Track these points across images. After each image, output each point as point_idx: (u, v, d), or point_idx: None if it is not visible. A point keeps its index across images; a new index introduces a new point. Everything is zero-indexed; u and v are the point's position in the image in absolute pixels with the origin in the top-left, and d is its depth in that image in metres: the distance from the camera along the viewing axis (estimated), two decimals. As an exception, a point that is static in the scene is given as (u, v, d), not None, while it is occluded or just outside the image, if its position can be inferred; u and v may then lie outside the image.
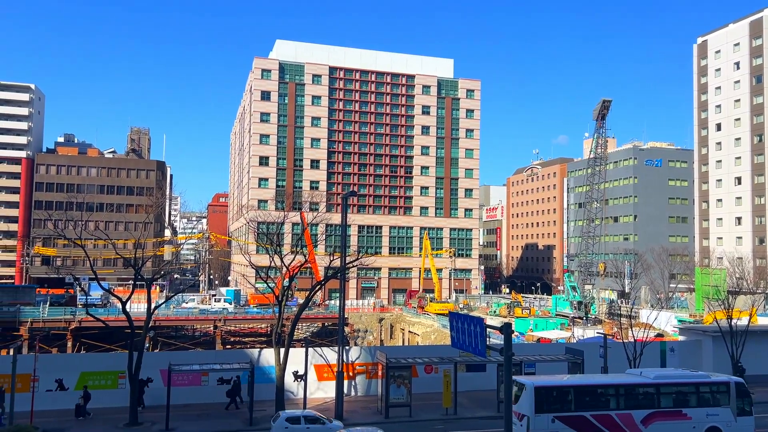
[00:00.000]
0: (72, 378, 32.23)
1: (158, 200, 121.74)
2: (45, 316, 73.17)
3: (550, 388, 25.60)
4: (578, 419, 24.90)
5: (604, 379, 29.27)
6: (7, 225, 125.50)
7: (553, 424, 24.55)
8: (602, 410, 25.25)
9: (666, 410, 25.66)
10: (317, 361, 35.83)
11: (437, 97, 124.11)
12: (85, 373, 32.54)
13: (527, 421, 24.46)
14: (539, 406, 24.58)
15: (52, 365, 32.62)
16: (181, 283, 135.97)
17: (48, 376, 31.51)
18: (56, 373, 32.03)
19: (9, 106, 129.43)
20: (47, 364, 31.99)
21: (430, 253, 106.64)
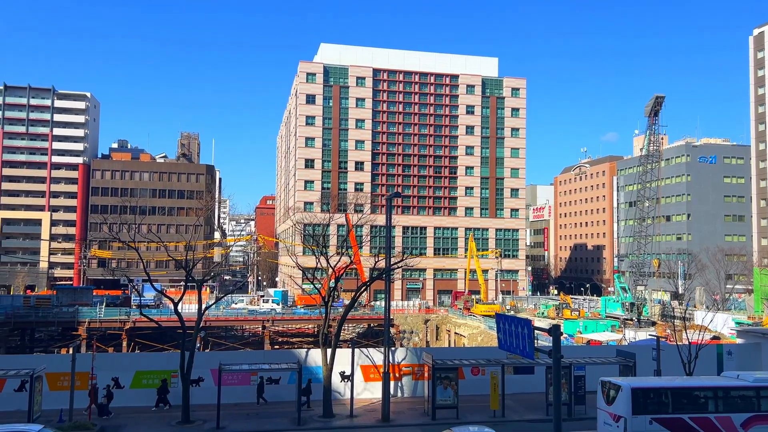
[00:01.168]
0: (127, 377, 33.23)
1: (208, 203, 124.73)
2: (101, 316, 75.73)
3: (647, 389, 25.65)
4: (676, 421, 24.90)
5: (702, 381, 28.94)
6: (66, 228, 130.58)
7: (651, 426, 24.67)
8: (701, 413, 25.19)
9: (766, 414, 25.41)
10: (364, 362, 35.98)
11: (482, 97, 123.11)
12: (139, 372, 33.50)
13: (624, 423, 24.64)
14: (636, 407, 24.69)
15: (108, 364, 33.63)
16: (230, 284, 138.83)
17: (105, 375, 32.54)
18: (112, 371, 33.05)
19: (67, 114, 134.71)
20: (104, 363, 33.05)
21: (475, 254, 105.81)
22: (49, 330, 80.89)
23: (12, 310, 75.43)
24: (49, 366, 31.37)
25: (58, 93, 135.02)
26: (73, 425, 28.16)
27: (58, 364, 32.49)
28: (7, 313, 73.63)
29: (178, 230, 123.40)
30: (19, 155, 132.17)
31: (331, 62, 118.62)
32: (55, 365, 32.38)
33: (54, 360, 38.81)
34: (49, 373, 31.15)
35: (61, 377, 31.47)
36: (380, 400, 32.29)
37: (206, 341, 76.50)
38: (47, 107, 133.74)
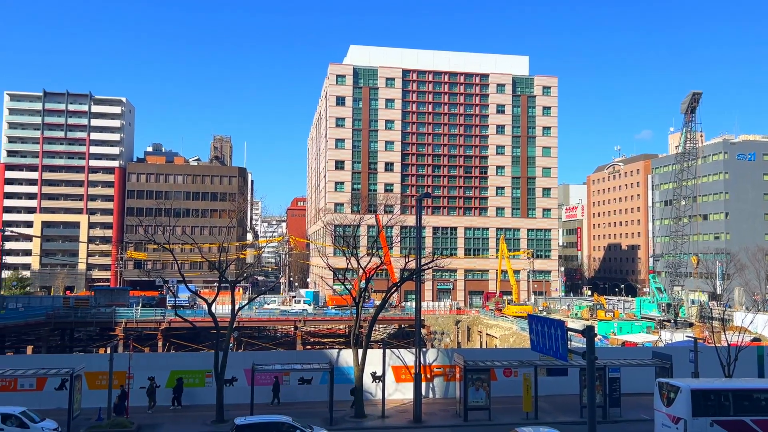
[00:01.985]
0: (163, 376, 33.85)
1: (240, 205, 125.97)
2: (138, 317, 77.28)
3: (707, 391, 25.44)
4: (737, 424, 24.60)
5: (764, 383, 28.37)
6: (103, 231, 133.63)
7: (711, 428, 24.46)
8: (763, 415, 24.79)
9: None
10: (395, 363, 36.00)
11: (512, 96, 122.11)
12: (174, 371, 34.09)
13: (684, 424, 24.49)
14: (696, 409, 24.49)
15: (144, 364, 34.34)
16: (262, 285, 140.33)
17: (141, 374, 33.24)
18: (149, 371, 33.71)
19: (103, 119, 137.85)
20: (140, 363, 33.75)
21: (506, 255, 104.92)
22: (88, 330, 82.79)
23: (52, 310, 77.51)
24: (87, 365, 32.17)
25: (94, 98, 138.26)
26: (112, 423, 28.83)
27: (96, 364, 33.29)
28: (47, 314, 75.67)
29: (212, 232, 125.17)
30: (58, 160, 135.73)
31: (360, 64, 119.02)
32: (94, 365, 33.18)
33: (93, 359, 39.76)
34: (88, 372, 31.93)
35: (100, 376, 32.22)
36: (412, 401, 32.30)
37: (239, 341, 77.45)
38: (84, 112, 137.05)
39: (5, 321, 72.19)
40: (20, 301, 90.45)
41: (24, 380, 31.69)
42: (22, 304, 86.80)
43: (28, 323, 74.08)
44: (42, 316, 75.43)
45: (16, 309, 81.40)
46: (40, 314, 76.01)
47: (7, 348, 75.73)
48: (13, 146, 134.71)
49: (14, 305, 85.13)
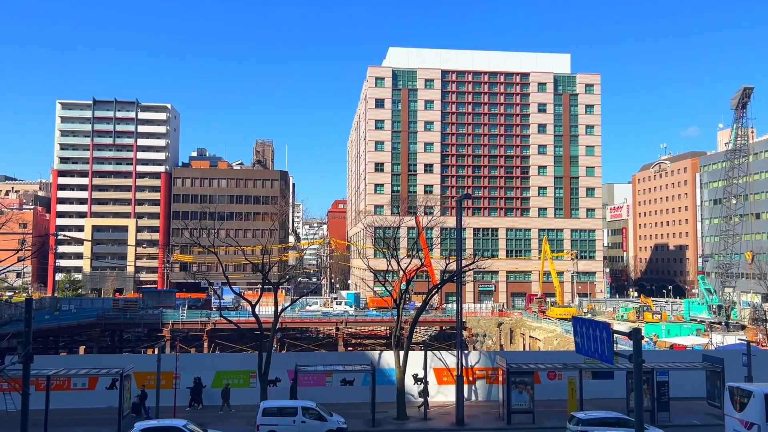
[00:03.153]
0: (209, 376, 34.53)
1: (282, 208, 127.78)
2: (184, 318, 78.93)
3: None
4: None
5: None
6: (150, 234, 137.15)
7: None
8: None
9: None
10: (436, 365, 35.88)
11: (554, 94, 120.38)
12: (220, 372, 34.75)
13: (758, 430, 24.09)
14: None
15: (191, 364, 35.07)
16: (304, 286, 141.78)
17: (188, 375, 33.96)
18: (195, 371, 34.43)
19: (149, 126, 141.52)
20: (187, 363, 34.48)
21: (549, 256, 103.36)
22: (136, 331, 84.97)
23: (103, 312, 79.89)
24: (136, 366, 33.07)
25: (141, 105, 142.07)
26: (160, 422, 29.50)
27: (144, 364, 34.19)
28: (98, 315, 78.04)
29: (255, 234, 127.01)
30: (107, 165, 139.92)
31: (399, 66, 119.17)
32: (142, 365, 34.08)
33: (141, 360, 40.84)
34: (136, 372, 32.82)
35: (148, 376, 33.06)
36: (454, 404, 32.12)
37: (282, 342, 78.33)
38: (131, 119, 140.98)
39: (59, 322, 74.76)
40: (73, 303, 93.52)
41: (77, 380, 32.76)
42: (74, 306, 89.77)
43: (80, 324, 76.51)
44: (93, 317, 77.78)
45: (69, 311, 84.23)
46: (92, 316, 78.40)
47: (61, 348, 78.51)
48: (65, 153, 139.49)
49: (67, 307, 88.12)
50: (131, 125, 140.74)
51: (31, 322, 24.60)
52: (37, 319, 66.90)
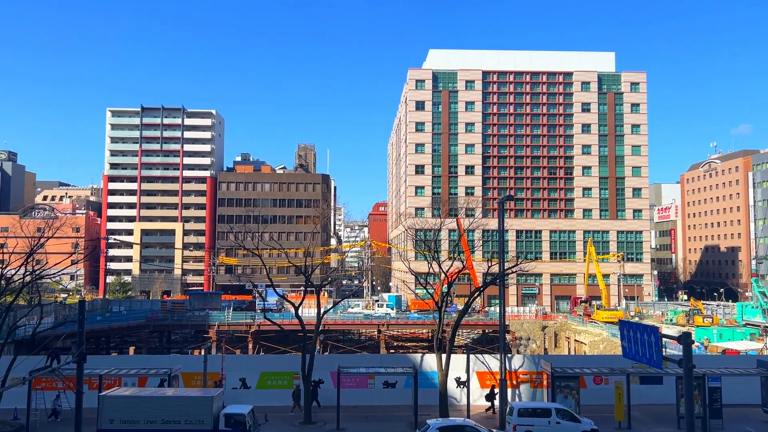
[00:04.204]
0: (253, 377, 35.08)
1: (324, 211, 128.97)
2: (229, 320, 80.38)
3: None
4: None
5: None
6: (197, 238, 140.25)
7: None
8: None
9: None
10: (479, 368, 35.61)
11: (598, 93, 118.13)
12: (264, 373, 35.26)
13: None
14: None
15: (236, 365, 35.73)
16: (346, 289, 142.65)
17: (233, 375, 34.59)
18: (240, 372, 35.06)
19: (195, 131, 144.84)
20: (232, 364, 35.14)
21: (595, 258, 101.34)
22: (183, 332, 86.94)
23: (151, 313, 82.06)
24: (184, 366, 33.86)
25: (187, 112, 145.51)
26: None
27: (192, 365, 34.96)
28: (147, 317, 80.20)
29: (297, 237, 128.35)
30: (154, 171, 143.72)
31: (439, 67, 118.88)
32: (190, 365, 34.86)
33: (188, 360, 41.74)
34: (184, 372, 33.60)
35: (195, 376, 33.81)
36: (498, 407, 31.80)
37: (325, 344, 78.95)
38: (178, 125, 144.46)
39: (110, 323, 77.16)
40: (123, 304, 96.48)
41: (127, 379, 33.71)
42: (124, 308, 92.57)
43: (130, 325, 78.74)
44: (142, 319, 79.94)
45: (119, 312, 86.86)
46: (141, 317, 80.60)
47: (112, 348, 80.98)
48: (115, 159, 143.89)
49: (118, 309, 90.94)
50: (178, 131, 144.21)
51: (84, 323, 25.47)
52: (90, 320, 69.11)
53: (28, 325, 42.88)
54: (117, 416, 26.18)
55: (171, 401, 26.49)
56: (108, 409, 26.21)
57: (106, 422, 26.11)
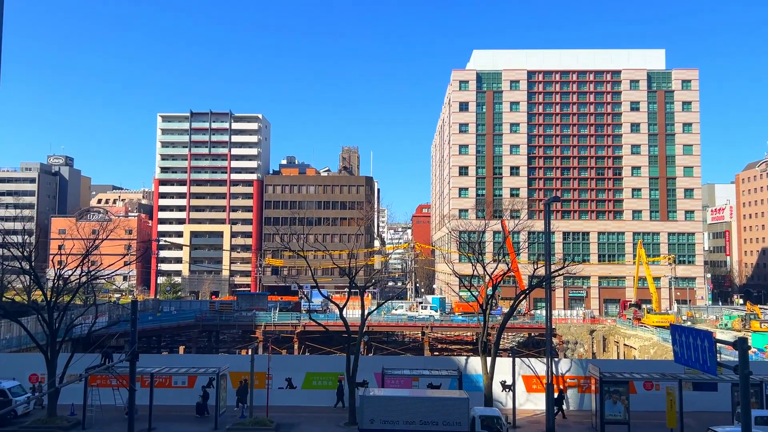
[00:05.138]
0: (299, 377, 35.51)
1: (368, 213, 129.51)
2: (275, 320, 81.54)
3: None
4: None
5: None
6: (244, 239, 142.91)
7: None
8: None
9: None
10: (525, 372, 35.17)
11: (648, 91, 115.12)
12: (309, 373, 35.65)
13: None
14: None
15: (282, 365, 36.20)
16: (390, 291, 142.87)
17: (279, 375, 35.09)
18: (286, 372, 35.53)
19: (242, 135, 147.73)
20: (278, 364, 35.63)
21: (645, 261, 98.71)
22: (231, 332, 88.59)
23: (200, 314, 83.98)
24: (231, 365, 34.53)
25: (234, 116, 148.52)
26: (254, 421, 30.70)
27: (239, 364, 35.61)
28: (196, 317, 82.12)
29: (342, 239, 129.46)
30: (203, 174, 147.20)
31: (484, 68, 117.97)
32: (237, 365, 35.52)
33: (236, 360, 42.56)
34: (231, 372, 34.26)
35: (242, 376, 34.38)
36: (544, 412, 31.35)
37: (369, 345, 79.26)
38: (225, 130, 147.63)
39: (161, 323, 79.33)
40: (173, 305, 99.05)
41: (177, 378, 34.61)
42: (174, 308, 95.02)
43: (180, 325, 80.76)
44: (191, 319, 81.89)
45: (169, 312, 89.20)
46: (190, 317, 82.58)
47: (163, 348, 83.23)
48: (165, 163, 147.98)
49: (168, 309, 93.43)
50: (225, 135, 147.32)
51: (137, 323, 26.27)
52: (142, 320, 71.19)
53: (83, 324, 44.44)
54: (377, 416, 26.57)
55: (429, 402, 26.74)
56: (369, 409, 26.65)
57: (367, 422, 26.58)
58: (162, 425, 30.66)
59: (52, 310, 32.93)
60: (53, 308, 33.06)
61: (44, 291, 35.17)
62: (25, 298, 36.97)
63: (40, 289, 35.77)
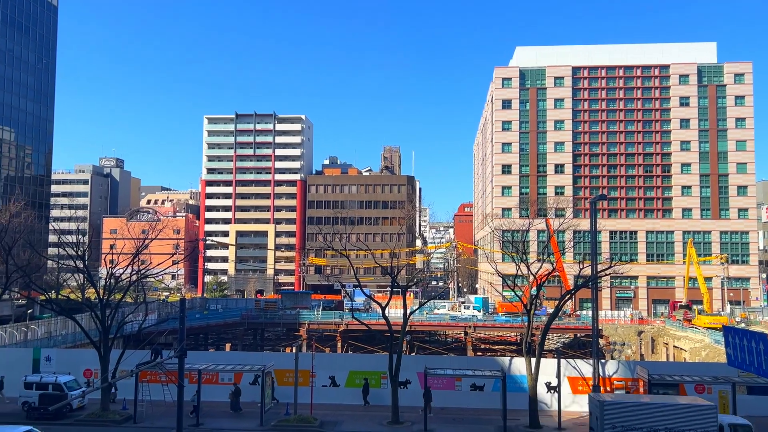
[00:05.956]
0: (342, 375, 35.79)
1: (409, 213, 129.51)
2: (319, 319, 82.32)
3: None
4: None
5: None
6: (288, 239, 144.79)
7: None
8: None
9: None
10: (571, 373, 34.60)
11: (698, 86, 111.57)
12: (353, 371, 35.88)
13: None
14: None
15: (325, 363, 36.55)
16: (432, 290, 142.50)
17: (323, 373, 35.43)
18: (329, 370, 35.86)
19: (286, 136, 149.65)
20: (322, 362, 35.97)
21: (695, 260, 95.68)
22: (276, 330, 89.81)
23: (246, 312, 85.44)
24: (276, 363, 35.04)
25: (278, 117, 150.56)
26: (298, 418, 31.11)
27: (284, 362, 36.11)
28: (242, 315, 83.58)
29: (383, 238, 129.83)
30: (248, 175, 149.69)
31: (527, 65, 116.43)
32: (282, 362, 36.02)
33: (280, 358, 43.14)
34: (276, 369, 34.77)
35: (287, 374, 34.90)
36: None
37: (411, 345, 79.22)
38: (270, 131, 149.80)
39: (208, 321, 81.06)
40: (219, 303, 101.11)
41: (224, 374, 35.34)
42: (221, 306, 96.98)
43: (226, 323, 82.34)
44: (237, 317, 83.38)
45: (216, 310, 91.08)
46: (236, 315, 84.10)
47: (209, 345, 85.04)
48: (211, 164, 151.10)
49: (215, 307, 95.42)
50: (269, 136, 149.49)
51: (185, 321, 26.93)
52: (189, 317, 72.92)
53: (134, 322, 45.79)
54: (619, 422, 25.93)
55: (674, 409, 25.74)
56: (610, 415, 26.10)
57: (608, 428, 26.01)
58: (209, 421, 31.35)
59: (105, 308, 34.07)
60: (105, 306, 34.20)
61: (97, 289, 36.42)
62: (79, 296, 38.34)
63: (93, 287, 37.09)
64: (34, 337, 51.63)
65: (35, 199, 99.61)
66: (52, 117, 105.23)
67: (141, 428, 30.72)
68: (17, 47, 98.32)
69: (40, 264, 57.34)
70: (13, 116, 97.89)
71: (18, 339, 49.96)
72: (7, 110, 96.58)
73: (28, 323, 54.91)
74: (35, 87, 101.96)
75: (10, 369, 36.00)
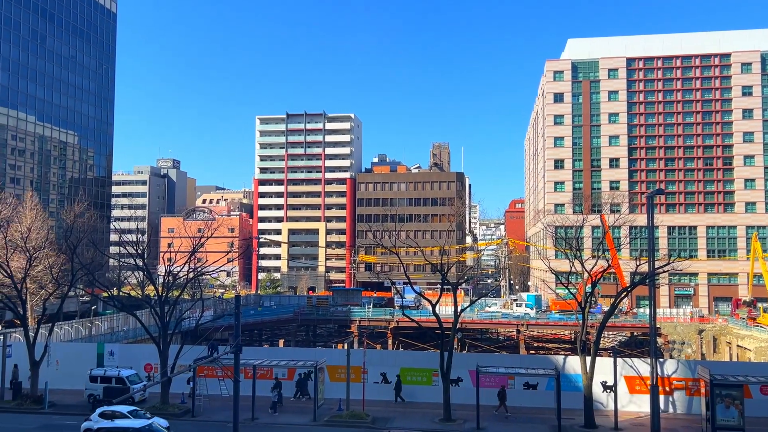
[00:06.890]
0: (393, 372, 35.88)
1: (459, 209, 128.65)
2: (370, 316, 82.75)
3: None
4: None
5: None
6: (338, 236, 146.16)
7: None
8: None
9: None
10: (627, 373, 33.73)
11: (761, 74, 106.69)
12: (404, 369, 35.94)
13: None
14: None
15: (376, 360, 36.73)
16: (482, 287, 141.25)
17: (374, 370, 35.61)
18: (380, 367, 36.02)
19: (335, 135, 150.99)
20: (373, 359, 36.18)
21: (761, 256, 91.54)
22: (327, 327, 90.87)
23: (298, 308, 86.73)
24: (328, 359, 35.49)
25: (327, 116, 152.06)
26: (351, 414, 31.40)
27: (335, 358, 36.53)
28: (295, 312, 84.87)
29: (433, 236, 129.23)
30: (299, 174, 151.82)
31: (579, 57, 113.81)
32: (334, 358, 36.44)
33: (332, 354, 43.64)
34: (329, 365, 35.18)
35: (339, 370, 35.27)
36: (648, 415, 29.98)
37: (463, 342, 78.74)
38: (319, 130, 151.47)
39: (262, 317, 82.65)
40: (273, 300, 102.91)
41: (278, 370, 35.96)
42: (274, 303, 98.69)
43: (280, 320, 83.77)
44: (290, 313, 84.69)
45: (269, 307, 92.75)
46: (289, 312, 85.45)
47: (264, 340, 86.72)
48: (264, 164, 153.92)
49: (268, 303, 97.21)
50: (319, 135, 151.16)
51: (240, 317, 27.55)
52: (244, 314, 74.50)
53: (191, 318, 47.12)
54: None
55: None
56: None
57: None
58: (263, 415, 31.98)
59: (164, 304, 35.20)
60: (164, 302, 35.32)
61: (156, 286, 37.63)
62: (139, 293, 39.69)
63: (152, 284, 38.34)
64: (97, 333, 53.87)
65: (97, 199, 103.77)
66: (112, 120, 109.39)
67: (199, 422, 31.58)
68: (79, 54, 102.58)
69: (103, 262, 59.76)
70: (76, 120, 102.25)
71: (83, 334, 52.19)
72: (71, 115, 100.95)
73: (93, 319, 57.32)
74: (96, 92, 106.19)
75: (76, 362, 37.60)
